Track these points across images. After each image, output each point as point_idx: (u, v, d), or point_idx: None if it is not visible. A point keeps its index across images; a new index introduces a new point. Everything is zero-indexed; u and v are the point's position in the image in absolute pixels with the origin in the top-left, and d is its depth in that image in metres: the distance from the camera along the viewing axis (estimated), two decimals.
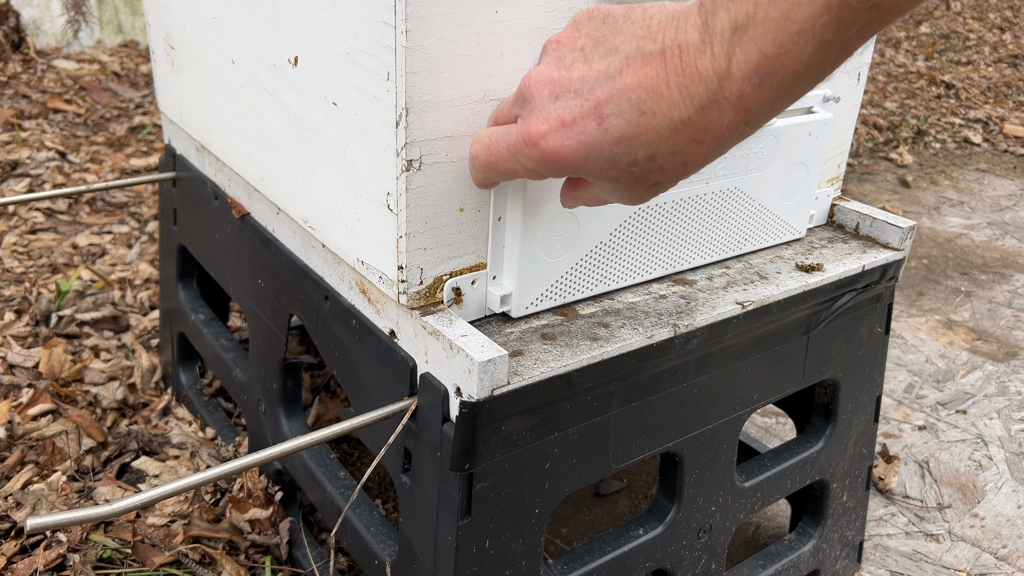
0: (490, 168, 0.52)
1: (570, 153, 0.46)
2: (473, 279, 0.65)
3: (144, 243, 1.71)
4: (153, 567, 0.92)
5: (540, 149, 0.47)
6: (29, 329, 1.36)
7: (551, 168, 0.48)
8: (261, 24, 0.73)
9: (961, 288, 1.91)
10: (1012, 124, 3.13)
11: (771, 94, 0.41)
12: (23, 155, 2.00)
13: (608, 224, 0.68)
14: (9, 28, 2.62)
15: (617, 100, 0.44)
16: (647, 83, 0.43)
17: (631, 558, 0.76)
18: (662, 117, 0.43)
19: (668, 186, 0.48)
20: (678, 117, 0.43)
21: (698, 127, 0.43)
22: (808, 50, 0.39)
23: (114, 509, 0.56)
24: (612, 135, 0.45)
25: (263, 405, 0.96)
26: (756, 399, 0.81)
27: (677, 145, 0.44)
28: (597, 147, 0.45)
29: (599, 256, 0.69)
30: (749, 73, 0.41)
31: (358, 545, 0.79)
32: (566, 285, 0.68)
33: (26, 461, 1.07)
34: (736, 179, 0.75)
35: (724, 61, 0.41)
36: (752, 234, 0.81)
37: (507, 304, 0.66)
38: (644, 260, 0.73)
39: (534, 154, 0.47)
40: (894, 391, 1.49)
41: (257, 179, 0.84)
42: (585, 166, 0.46)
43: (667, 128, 0.43)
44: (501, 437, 0.62)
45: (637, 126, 0.44)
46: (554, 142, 0.46)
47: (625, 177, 0.47)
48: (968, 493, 1.25)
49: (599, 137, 0.45)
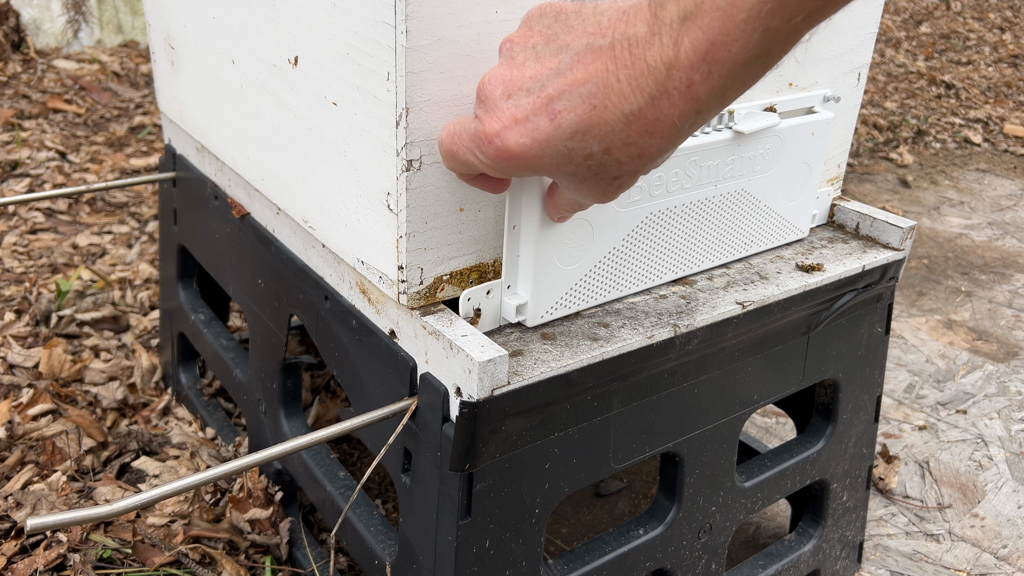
0: (451, 157, 0.52)
1: (524, 150, 0.47)
2: (488, 289, 0.64)
3: (144, 243, 1.71)
4: (153, 567, 0.92)
5: (495, 147, 0.48)
6: (29, 329, 1.36)
7: (507, 165, 0.48)
8: (261, 24, 0.73)
9: (961, 288, 1.91)
10: (1012, 124, 3.13)
11: (720, 82, 0.42)
12: (23, 155, 2.00)
13: (620, 230, 0.67)
14: (9, 28, 2.62)
15: (568, 95, 0.45)
16: (597, 77, 0.44)
17: (631, 558, 0.76)
18: (613, 110, 0.44)
19: (629, 180, 0.49)
20: (628, 109, 0.44)
21: (649, 118, 0.44)
22: (755, 37, 0.40)
23: (114, 509, 0.56)
24: (565, 130, 0.45)
25: (263, 405, 0.96)
26: (756, 399, 0.81)
27: (630, 137, 0.45)
28: (551, 143, 0.46)
29: (612, 263, 0.69)
30: (697, 61, 0.41)
31: (358, 545, 0.79)
32: (580, 292, 0.68)
33: (26, 461, 1.07)
34: (743, 181, 0.75)
35: (672, 51, 0.42)
36: (758, 236, 0.81)
37: (523, 314, 0.65)
38: (655, 265, 0.73)
39: (490, 151, 0.48)
40: (894, 391, 1.49)
41: (257, 179, 0.84)
42: (541, 162, 0.47)
43: (619, 120, 0.44)
44: (501, 437, 0.62)
45: (589, 120, 0.44)
46: (508, 140, 0.47)
47: (583, 172, 0.47)
48: (968, 493, 1.25)
49: (552, 133, 0.46)
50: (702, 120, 0.45)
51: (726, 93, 0.43)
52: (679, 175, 0.69)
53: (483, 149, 0.48)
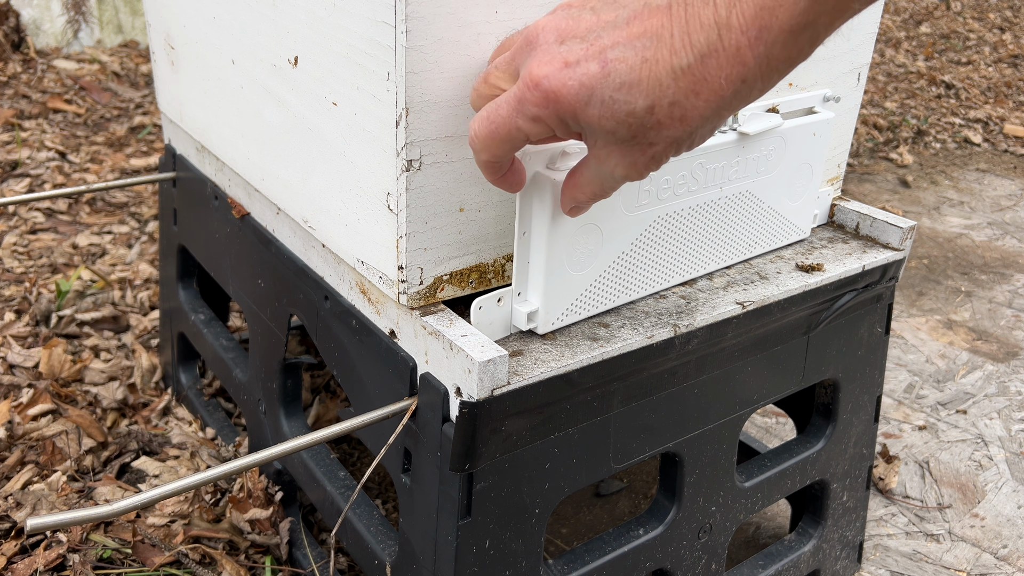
0: (490, 138, 0.52)
1: (570, 93, 0.47)
2: (499, 297, 0.63)
3: (144, 243, 1.71)
4: (153, 567, 0.92)
5: (542, 89, 0.47)
6: (29, 329, 1.36)
7: (550, 110, 0.48)
8: (261, 24, 0.73)
9: (961, 288, 1.91)
10: (1012, 124, 3.13)
11: (765, 50, 0.44)
12: (23, 155, 2.00)
13: (629, 234, 0.67)
14: (9, 28, 2.62)
15: (622, 46, 0.46)
16: (652, 32, 0.45)
17: (631, 558, 0.76)
18: (663, 64, 0.45)
19: (664, 153, 0.49)
20: (678, 64, 0.45)
21: (697, 76, 0.45)
22: (802, 5, 0.42)
23: (114, 509, 0.56)
24: (614, 79, 0.46)
25: (263, 405, 0.96)
26: (756, 399, 0.81)
27: (676, 95, 0.45)
28: (598, 90, 0.46)
29: (621, 267, 0.68)
30: (746, 24, 0.43)
31: (358, 545, 0.79)
32: (590, 298, 0.67)
33: (26, 461, 1.07)
34: (747, 182, 0.75)
35: (725, 12, 0.43)
36: (762, 237, 0.80)
37: (533, 321, 0.65)
38: (662, 270, 0.72)
39: (536, 96, 0.48)
40: (894, 391, 1.49)
41: (257, 179, 0.84)
42: (585, 110, 0.47)
43: (668, 75, 0.45)
44: (501, 437, 0.62)
45: (639, 73, 0.45)
46: (555, 80, 0.47)
47: (622, 131, 0.48)
48: (968, 493, 1.25)
49: (601, 80, 0.46)
50: (744, 94, 0.46)
51: (771, 65, 0.44)
52: (685, 178, 0.69)
53: (529, 97, 0.48)
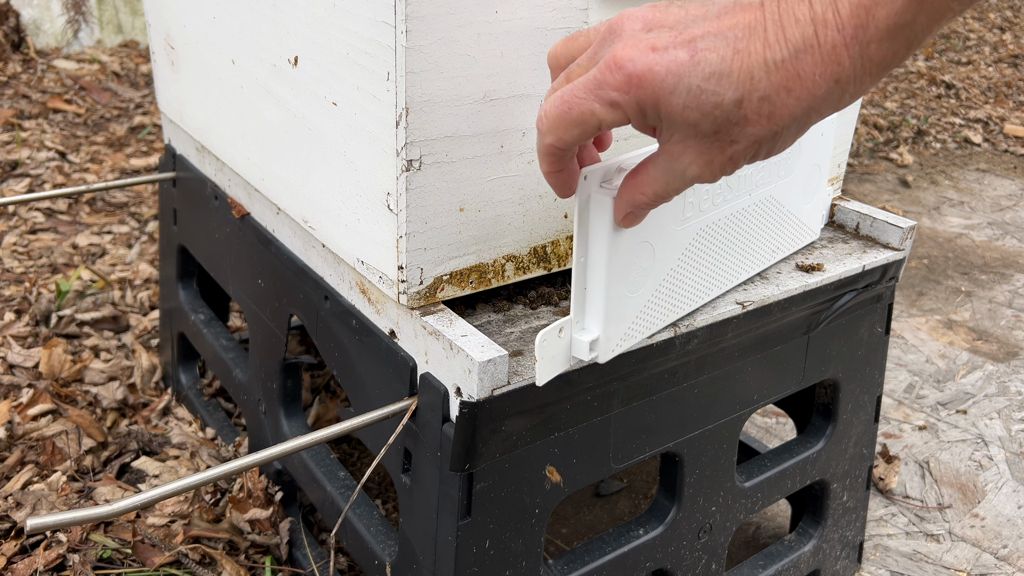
0: (561, 119, 0.49)
1: (656, 77, 0.45)
2: (560, 327, 0.59)
3: (144, 243, 1.71)
4: (153, 567, 0.92)
5: (626, 72, 0.45)
6: (29, 329, 1.36)
7: (634, 95, 0.46)
8: (261, 24, 0.73)
9: (961, 288, 1.91)
10: (1012, 124, 3.13)
11: (860, 51, 0.43)
12: (23, 155, 2.00)
13: (677, 249, 0.65)
14: (9, 28, 2.62)
15: (713, 37, 0.45)
16: (744, 24, 0.44)
17: (631, 558, 0.76)
18: (756, 57, 0.44)
19: (743, 154, 0.48)
20: (772, 58, 0.44)
21: (791, 71, 0.44)
22: (899, 3, 0.41)
23: (114, 509, 0.56)
24: (703, 68, 0.44)
25: (263, 405, 0.96)
26: (756, 399, 0.81)
27: (768, 90, 0.44)
28: (686, 77, 0.45)
29: (669, 285, 0.66)
30: (843, 22, 0.42)
31: (358, 545, 0.79)
32: (643, 320, 0.64)
33: (26, 461, 1.07)
34: (771, 187, 0.74)
35: (821, 8, 0.43)
36: (783, 241, 0.80)
37: (595, 350, 0.60)
38: (703, 283, 0.70)
39: (618, 78, 0.46)
40: (894, 391, 1.49)
41: (257, 179, 0.84)
42: (670, 98, 0.45)
43: (760, 68, 0.44)
44: (501, 437, 0.62)
45: (730, 64, 0.44)
46: (641, 63, 0.45)
47: (706, 124, 0.46)
48: (968, 493, 1.25)
49: (690, 67, 0.44)
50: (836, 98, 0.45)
51: (865, 67, 0.44)
52: (721, 187, 0.67)
53: (610, 80, 0.46)
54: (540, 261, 0.70)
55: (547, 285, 0.74)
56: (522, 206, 0.66)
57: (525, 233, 0.68)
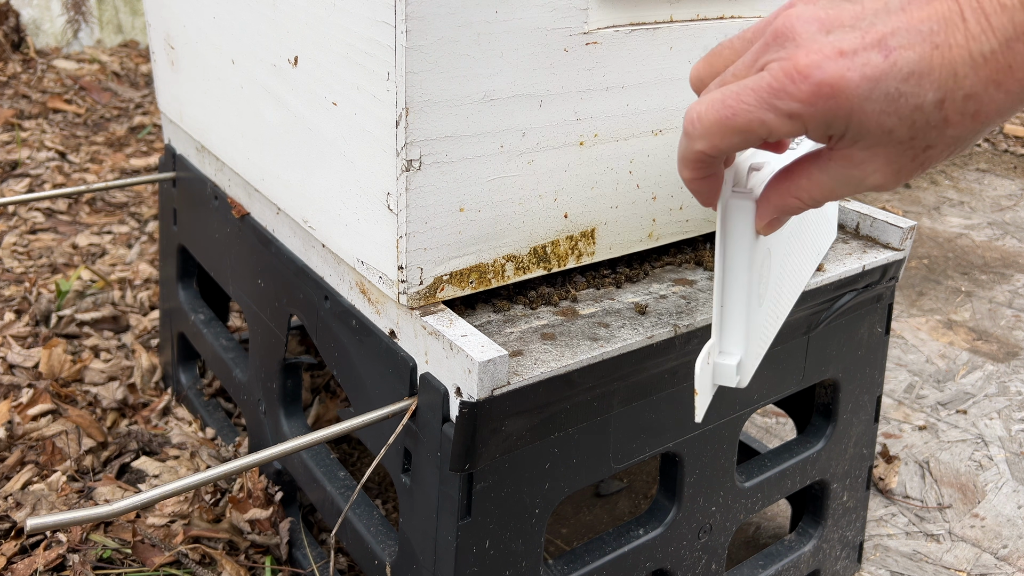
0: (720, 125, 0.44)
1: (850, 85, 0.40)
2: (707, 352, 0.55)
3: (144, 243, 1.71)
4: (153, 567, 0.92)
5: (813, 81, 0.41)
6: (29, 329, 1.36)
7: (822, 106, 0.41)
8: (261, 24, 0.73)
9: (961, 288, 1.91)
10: (1012, 124, 3.13)
11: None
12: (23, 155, 2.00)
13: (780, 253, 0.61)
14: (9, 28, 2.62)
15: (904, 33, 0.40)
16: (938, 16, 0.39)
17: (631, 558, 0.76)
18: (959, 50, 0.39)
19: (939, 156, 0.43)
20: (978, 50, 0.39)
21: (1001, 63, 0.39)
22: None
23: (114, 509, 0.56)
24: (901, 69, 0.40)
25: (263, 405, 0.96)
26: (756, 399, 0.81)
27: (974, 87, 0.40)
28: (882, 82, 0.40)
29: (776, 292, 0.62)
30: None
31: (358, 545, 0.79)
32: (762, 332, 0.60)
33: (26, 461, 1.07)
34: None
35: None
36: (824, 240, 0.80)
37: (740, 372, 0.56)
38: (793, 287, 0.68)
39: (803, 89, 0.41)
40: (894, 391, 1.49)
41: (257, 179, 0.84)
42: (864, 106, 0.41)
43: (966, 63, 0.39)
44: (501, 437, 0.62)
45: (931, 60, 0.39)
46: (831, 71, 0.40)
47: (901, 129, 0.41)
48: (968, 493, 1.25)
49: (886, 70, 0.40)
50: None
51: None
52: None
53: (792, 90, 0.41)
54: (540, 261, 0.70)
55: (547, 285, 0.74)
56: (522, 206, 0.66)
57: (525, 233, 0.68)
